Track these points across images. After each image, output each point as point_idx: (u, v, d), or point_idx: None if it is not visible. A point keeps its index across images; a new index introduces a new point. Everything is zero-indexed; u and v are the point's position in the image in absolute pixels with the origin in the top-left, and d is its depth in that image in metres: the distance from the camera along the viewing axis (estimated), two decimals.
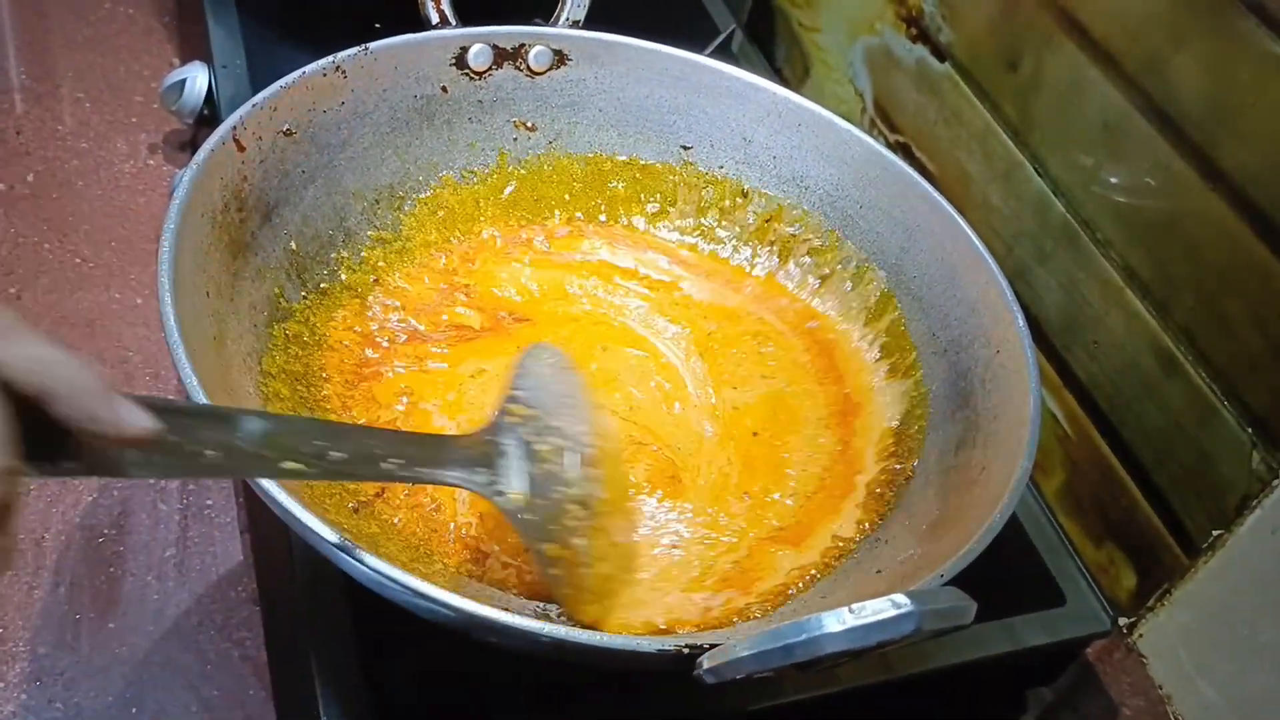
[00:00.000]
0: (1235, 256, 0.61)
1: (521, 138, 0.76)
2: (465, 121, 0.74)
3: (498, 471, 0.52)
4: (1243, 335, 0.61)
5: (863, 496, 0.65)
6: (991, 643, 0.64)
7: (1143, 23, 0.65)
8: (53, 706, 0.64)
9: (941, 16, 0.81)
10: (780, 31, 1.03)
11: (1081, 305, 0.71)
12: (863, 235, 0.73)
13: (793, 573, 0.61)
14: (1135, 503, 0.69)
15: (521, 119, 0.76)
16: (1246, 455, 0.61)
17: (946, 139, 0.82)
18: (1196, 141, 0.62)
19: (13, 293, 0.82)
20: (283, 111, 0.64)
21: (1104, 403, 0.71)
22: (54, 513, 0.71)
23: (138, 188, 0.93)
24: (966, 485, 0.58)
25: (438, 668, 0.57)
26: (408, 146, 0.72)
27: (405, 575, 0.45)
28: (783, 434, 0.68)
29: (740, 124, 0.76)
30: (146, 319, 0.83)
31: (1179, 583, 0.66)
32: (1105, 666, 0.69)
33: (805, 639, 0.41)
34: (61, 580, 0.69)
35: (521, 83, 0.74)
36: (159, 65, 1.04)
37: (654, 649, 0.45)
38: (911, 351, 0.69)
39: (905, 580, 0.52)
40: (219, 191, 0.60)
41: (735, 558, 0.61)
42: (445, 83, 0.72)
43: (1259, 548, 0.61)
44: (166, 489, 0.74)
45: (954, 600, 0.43)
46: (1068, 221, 0.71)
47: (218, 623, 0.69)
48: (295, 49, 0.88)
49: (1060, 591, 0.68)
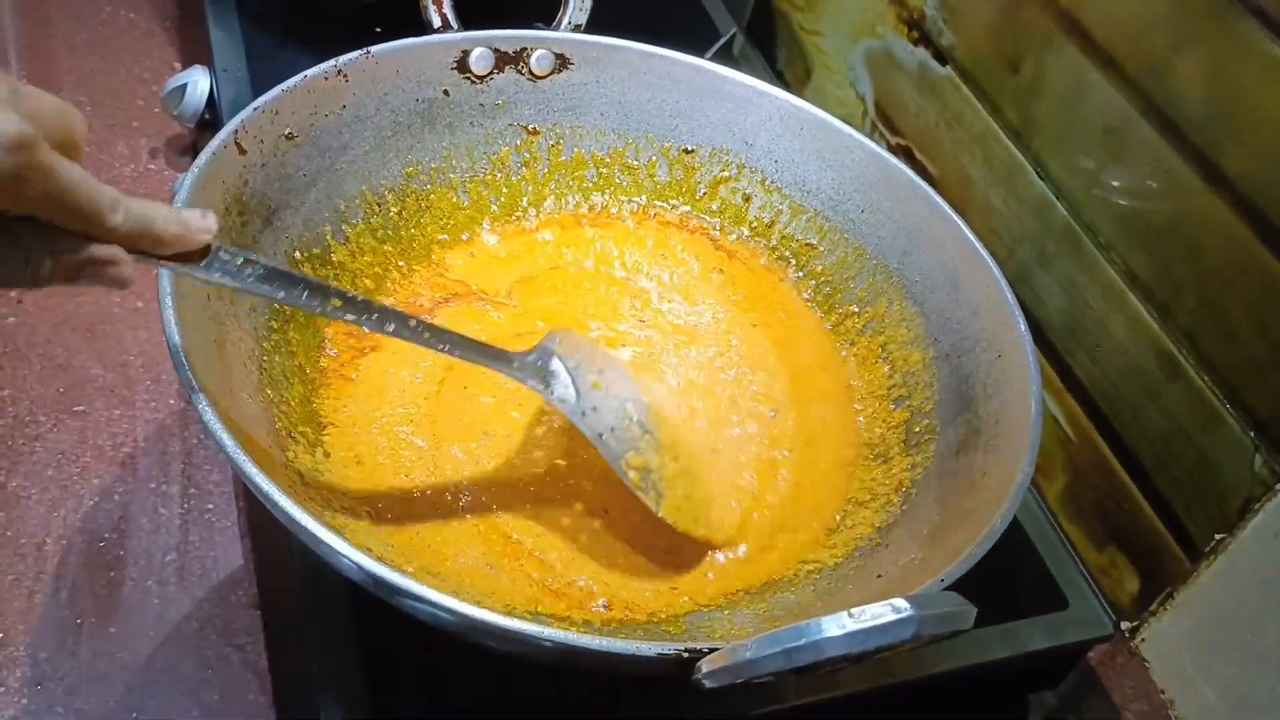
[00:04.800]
0: (1237, 260, 0.61)
1: (523, 141, 0.76)
2: (467, 125, 0.74)
3: (550, 385, 0.58)
4: (1245, 339, 0.61)
5: (864, 500, 0.65)
6: (994, 647, 0.64)
7: (1144, 25, 0.65)
8: (53, 711, 0.64)
9: (943, 19, 0.81)
10: (781, 35, 1.03)
11: (1083, 308, 0.71)
12: (864, 238, 0.73)
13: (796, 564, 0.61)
14: (1137, 506, 0.69)
15: (523, 123, 0.75)
16: (1249, 459, 0.61)
17: (948, 142, 0.82)
18: (1198, 144, 0.62)
19: (13, 296, 0.82)
20: (284, 115, 0.64)
21: (1106, 406, 0.70)
22: (55, 517, 0.71)
23: (139, 191, 0.92)
24: (968, 489, 0.58)
25: (439, 672, 0.57)
26: (409, 150, 0.72)
27: (405, 580, 0.45)
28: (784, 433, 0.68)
29: (742, 127, 0.76)
30: (147, 322, 0.83)
31: (1181, 586, 0.66)
32: (1108, 671, 0.69)
33: (804, 643, 0.41)
34: (62, 585, 0.69)
35: (523, 86, 0.74)
36: (160, 69, 1.04)
37: (653, 653, 0.45)
38: (912, 355, 0.69)
39: (906, 584, 0.52)
40: (220, 195, 0.60)
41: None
42: (447, 86, 0.72)
43: (1261, 551, 0.61)
44: (168, 494, 0.74)
45: (953, 605, 0.42)
46: (1069, 224, 0.71)
47: (219, 627, 0.68)
48: (296, 53, 0.88)
49: (1063, 595, 0.67)
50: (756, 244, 0.77)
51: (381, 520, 0.59)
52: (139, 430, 0.76)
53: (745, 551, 0.62)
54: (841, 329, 0.73)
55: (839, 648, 0.41)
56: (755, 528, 0.63)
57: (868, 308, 0.72)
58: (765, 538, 0.63)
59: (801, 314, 0.75)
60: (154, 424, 0.77)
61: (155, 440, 0.76)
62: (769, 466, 0.66)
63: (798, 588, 0.60)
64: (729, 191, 0.77)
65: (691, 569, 0.61)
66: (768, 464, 0.66)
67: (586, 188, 0.78)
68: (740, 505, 0.64)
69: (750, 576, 0.61)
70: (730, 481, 0.65)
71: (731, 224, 0.77)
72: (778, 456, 0.67)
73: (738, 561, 0.62)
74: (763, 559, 0.62)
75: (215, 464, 0.75)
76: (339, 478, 0.60)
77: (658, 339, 0.72)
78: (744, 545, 0.62)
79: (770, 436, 0.68)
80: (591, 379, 0.59)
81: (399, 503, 0.60)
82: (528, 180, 0.76)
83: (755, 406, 0.69)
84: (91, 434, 0.75)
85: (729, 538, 0.62)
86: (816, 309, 0.75)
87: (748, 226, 0.77)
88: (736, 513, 0.63)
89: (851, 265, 0.74)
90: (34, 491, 0.72)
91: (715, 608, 0.59)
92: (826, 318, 0.74)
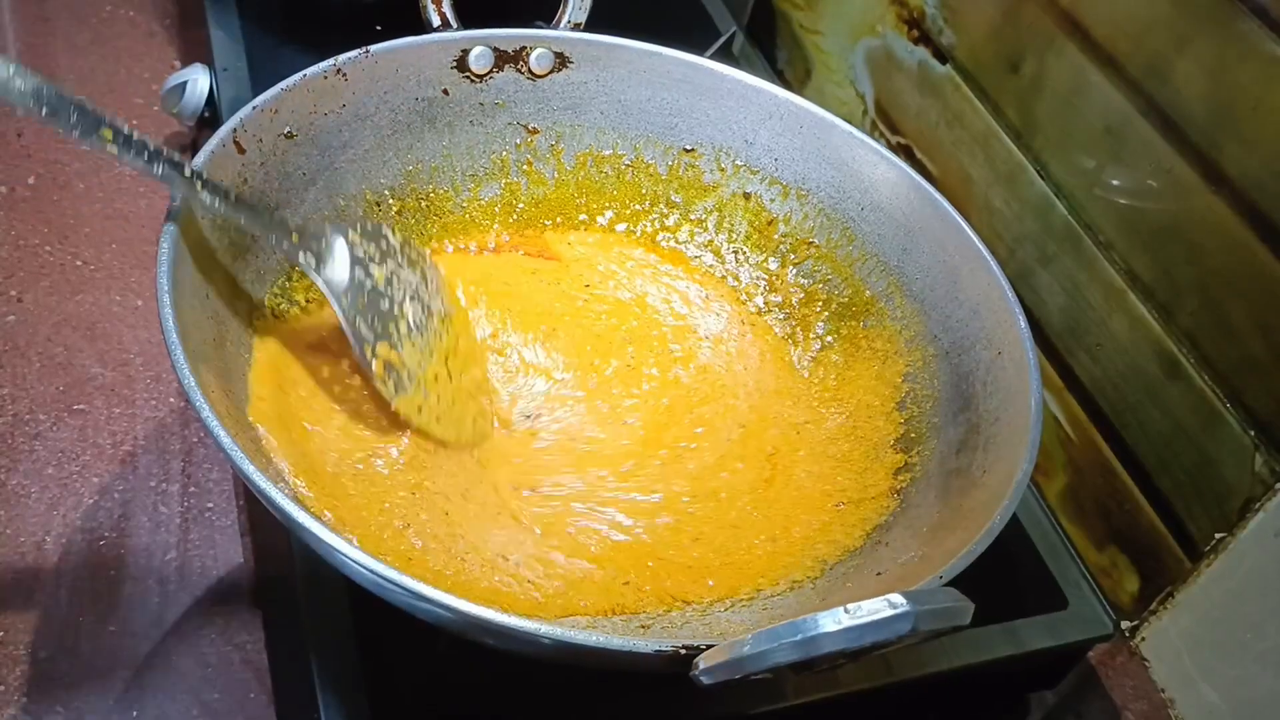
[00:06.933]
0: (1238, 260, 0.61)
1: (523, 140, 0.76)
2: (466, 124, 0.74)
3: (323, 262, 0.60)
4: (1245, 339, 0.61)
5: (864, 498, 0.65)
6: (993, 646, 0.64)
7: (1145, 25, 0.65)
8: (53, 710, 0.64)
9: (943, 19, 0.81)
10: (781, 34, 1.03)
11: (1084, 308, 0.71)
12: (864, 237, 0.73)
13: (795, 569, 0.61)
14: (1138, 506, 0.68)
15: (523, 121, 0.75)
16: (1249, 458, 0.61)
17: (948, 141, 0.82)
18: (1199, 144, 0.62)
19: (14, 295, 0.82)
20: (283, 114, 0.64)
21: (1106, 406, 0.70)
22: (54, 515, 0.71)
23: (138, 190, 0.93)
24: (968, 488, 0.58)
25: (438, 670, 0.57)
26: (409, 149, 0.72)
27: (405, 577, 0.45)
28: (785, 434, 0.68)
29: (742, 126, 0.76)
30: (147, 321, 0.83)
31: (1181, 586, 0.66)
32: (1108, 670, 0.69)
33: (801, 639, 0.41)
34: (62, 583, 0.69)
35: (523, 85, 0.74)
36: (160, 68, 1.04)
37: (650, 649, 0.45)
38: (913, 354, 0.69)
39: (905, 582, 0.52)
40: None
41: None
42: (446, 85, 0.72)
43: (1262, 551, 0.61)
44: (168, 492, 0.74)
45: (951, 600, 0.42)
46: (1070, 224, 0.71)
47: (218, 626, 0.68)
48: (296, 52, 0.88)
49: (1062, 595, 0.67)
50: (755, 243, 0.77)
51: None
52: (139, 429, 0.76)
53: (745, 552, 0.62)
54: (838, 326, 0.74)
55: (836, 643, 0.41)
56: (753, 525, 0.63)
57: (867, 305, 0.72)
58: (764, 537, 0.63)
59: (796, 311, 0.75)
60: (154, 422, 0.77)
61: (155, 439, 0.76)
62: (765, 464, 0.66)
63: (796, 586, 0.60)
64: (731, 193, 0.77)
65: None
66: (764, 462, 0.66)
67: (587, 188, 0.78)
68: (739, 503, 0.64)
69: (748, 576, 0.61)
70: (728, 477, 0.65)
71: (731, 225, 0.77)
72: (774, 452, 0.67)
73: (737, 561, 0.62)
74: (762, 558, 0.62)
75: (215, 463, 0.75)
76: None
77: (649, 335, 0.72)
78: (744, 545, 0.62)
79: (768, 433, 0.68)
80: (379, 272, 0.61)
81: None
82: (528, 180, 0.76)
83: (754, 403, 0.69)
84: (91, 432, 0.75)
85: (473, 441, 0.64)
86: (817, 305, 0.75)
87: (748, 225, 0.77)
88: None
89: (851, 263, 0.74)
90: (34, 490, 0.72)
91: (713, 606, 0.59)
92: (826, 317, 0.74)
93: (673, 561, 0.61)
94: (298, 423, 0.60)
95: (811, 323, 0.74)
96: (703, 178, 0.77)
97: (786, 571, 0.61)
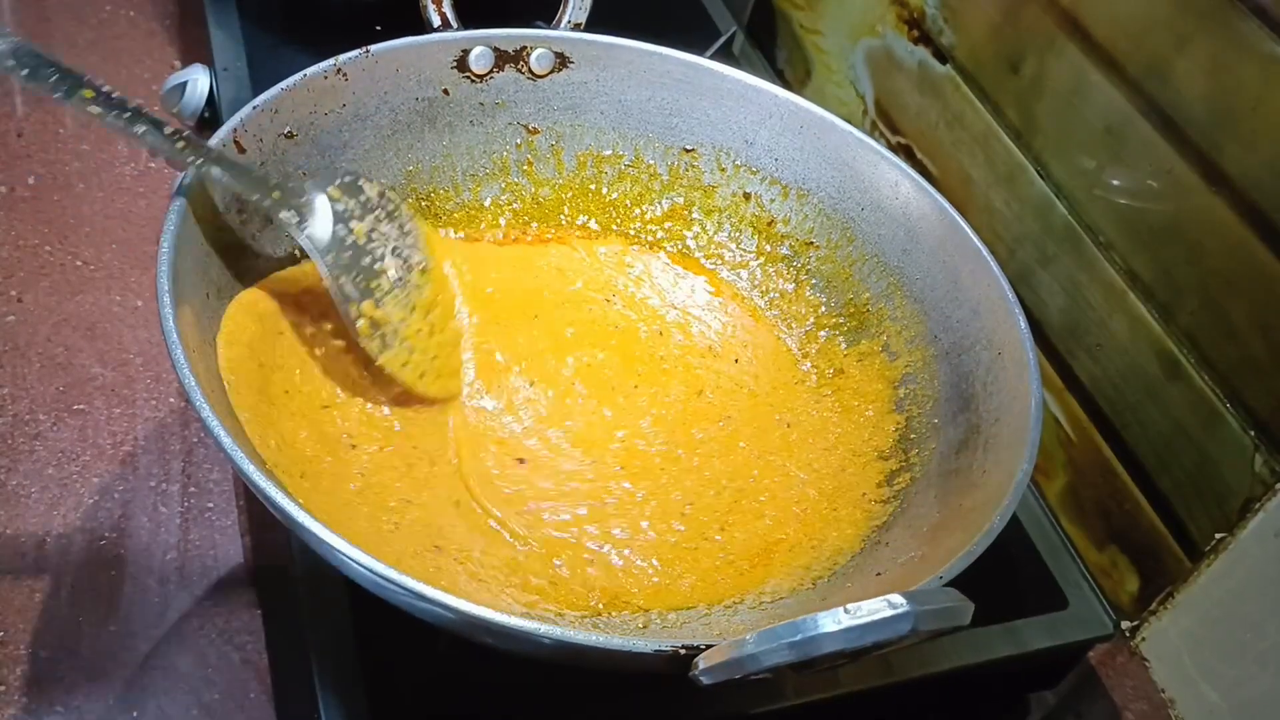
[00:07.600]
0: (1238, 260, 0.61)
1: (523, 140, 0.76)
2: (467, 124, 0.74)
3: (305, 219, 0.60)
4: (1246, 339, 0.61)
5: (864, 499, 0.65)
6: (993, 646, 0.64)
7: (1145, 25, 0.65)
8: (54, 710, 0.64)
9: (943, 19, 0.81)
10: (781, 34, 1.03)
11: (1084, 308, 0.71)
12: (864, 238, 0.73)
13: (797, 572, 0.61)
14: (1138, 506, 0.68)
15: (523, 122, 0.75)
16: (1249, 459, 0.61)
17: (948, 141, 0.82)
18: (1199, 144, 0.62)
19: (14, 295, 0.82)
20: (284, 114, 0.64)
21: (1106, 406, 0.70)
22: (55, 515, 0.71)
23: (138, 190, 0.93)
24: (968, 488, 0.58)
25: (438, 670, 0.57)
26: (409, 149, 0.72)
27: (404, 577, 0.45)
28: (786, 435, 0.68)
29: (742, 126, 0.76)
30: (148, 321, 0.83)
31: (1181, 586, 0.66)
32: (1108, 670, 0.69)
33: (801, 639, 0.41)
34: (63, 583, 0.69)
35: (523, 85, 0.74)
36: (160, 68, 1.04)
37: (650, 649, 0.45)
38: (913, 354, 0.69)
39: (906, 582, 0.52)
40: (220, 194, 0.60)
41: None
42: (447, 85, 0.72)
43: (1262, 551, 0.61)
44: (168, 492, 0.74)
45: (951, 600, 0.42)
46: (1070, 224, 0.71)
47: (219, 626, 0.68)
48: (296, 51, 0.88)
49: (1063, 595, 0.67)
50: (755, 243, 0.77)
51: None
52: (139, 429, 0.76)
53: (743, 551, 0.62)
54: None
55: (835, 643, 0.41)
56: (752, 525, 0.63)
57: (867, 305, 0.72)
58: (763, 536, 0.63)
59: (797, 312, 0.75)
60: (154, 422, 0.77)
61: (155, 439, 0.76)
62: (766, 464, 0.66)
63: (796, 586, 0.60)
64: (731, 192, 0.77)
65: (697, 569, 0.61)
66: (765, 462, 0.66)
67: (587, 188, 0.78)
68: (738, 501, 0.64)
69: (748, 575, 0.61)
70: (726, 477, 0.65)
71: (731, 225, 0.77)
72: (773, 451, 0.67)
73: (736, 561, 0.62)
74: (762, 558, 0.62)
75: (215, 463, 0.75)
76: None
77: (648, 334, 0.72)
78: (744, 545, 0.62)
79: (768, 432, 0.68)
80: (359, 228, 0.62)
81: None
82: (528, 180, 0.76)
83: (753, 402, 0.69)
84: (91, 432, 0.75)
85: (457, 394, 0.66)
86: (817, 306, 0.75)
87: (748, 224, 0.77)
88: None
89: (851, 263, 0.74)
90: (34, 490, 0.72)
91: (713, 607, 0.59)
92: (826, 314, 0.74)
93: (672, 561, 0.61)
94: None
95: (811, 323, 0.74)
96: (703, 178, 0.77)
97: (786, 571, 0.61)
